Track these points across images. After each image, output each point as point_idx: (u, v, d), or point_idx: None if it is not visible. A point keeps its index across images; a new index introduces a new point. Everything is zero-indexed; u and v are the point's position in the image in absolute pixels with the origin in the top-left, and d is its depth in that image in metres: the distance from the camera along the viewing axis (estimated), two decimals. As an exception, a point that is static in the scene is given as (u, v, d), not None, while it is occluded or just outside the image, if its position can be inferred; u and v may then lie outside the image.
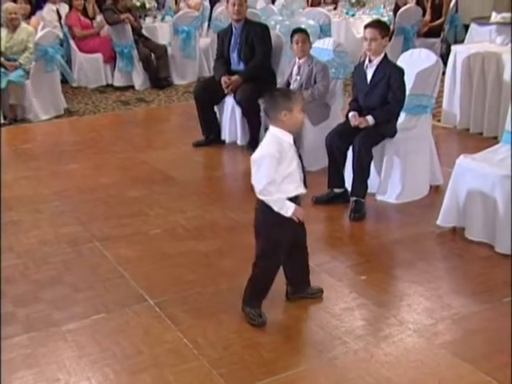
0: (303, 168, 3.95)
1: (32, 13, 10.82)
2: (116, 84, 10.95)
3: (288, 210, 3.84)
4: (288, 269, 4.22)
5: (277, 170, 3.78)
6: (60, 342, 3.87)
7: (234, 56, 7.43)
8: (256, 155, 3.85)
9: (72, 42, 10.99)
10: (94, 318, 4.10)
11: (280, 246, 4.00)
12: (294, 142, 3.89)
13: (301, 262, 4.24)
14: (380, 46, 5.56)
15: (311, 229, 5.27)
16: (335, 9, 12.44)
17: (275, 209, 3.85)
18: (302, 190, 3.95)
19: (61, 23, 11.23)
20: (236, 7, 7.29)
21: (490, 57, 7.51)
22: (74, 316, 4.12)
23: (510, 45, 7.77)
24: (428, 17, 11.56)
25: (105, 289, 4.46)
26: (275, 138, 3.84)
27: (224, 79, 7.24)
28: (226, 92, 7.26)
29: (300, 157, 3.92)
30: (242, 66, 7.38)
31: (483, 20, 10.24)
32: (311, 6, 12.11)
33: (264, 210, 3.91)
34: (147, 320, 4.08)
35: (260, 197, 3.88)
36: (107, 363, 3.66)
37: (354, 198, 5.47)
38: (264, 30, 7.43)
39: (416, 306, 4.18)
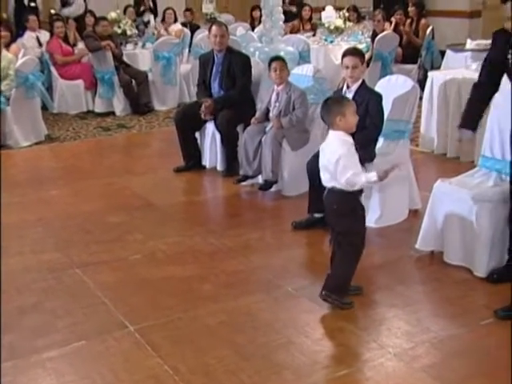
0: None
1: (12, 40, 10.79)
2: (97, 110, 10.93)
3: (373, 176, 4.24)
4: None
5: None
6: (40, 369, 3.82)
7: (215, 85, 7.44)
8: (330, 159, 4.26)
9: (53, 69, 10.96)
10: (75, 345, 4.06)
11: (361, 228, 4.43)
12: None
13: None
14: (361, 72, 5.63)
15: (291, 254, 5.34)
16: (314, 35, 12.51)
17: (365, 184, 4.33)
18: (373, 178, 4.27)
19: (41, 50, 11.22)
20: (218, 39, 7.32)
21: (466, 83, 7.53)
22: (54, 343, 4.07)
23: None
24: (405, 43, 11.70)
25: (85, 316, 4.41)
26: (341, 140, 4.27)
27: (204, 103, 7.25)
28: (202, 117, 7.26)
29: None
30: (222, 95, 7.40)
31: (459, 46, 10.34)
32: (290, 32, 12.18)
33: (340, 202, 4.34)
34: (127, 347, 4.04)
35: (349, 188, 4.26)
36: (87, 391, 3.63)
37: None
38: (246, 61, 7.44)
39: (396, 330, 4.17)
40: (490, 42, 10.24)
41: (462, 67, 8.47)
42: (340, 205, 4.35)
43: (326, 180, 4.38)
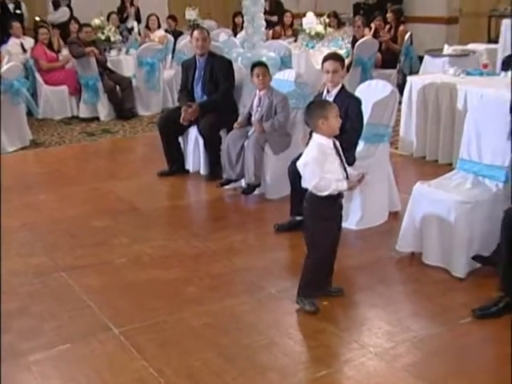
0: (345, 167, 4.34)
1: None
2: (81, 115, 10.88)
3: (343, 185, 4.25)
4: None
5: (322, 169, 4.20)
6: (26, 373, 3.81)
7: (197, 90, 7.44)
8: (301, 161, 4.33)
9: (38, 75, 10.90)
10: (60, 348, 4.04)
11: (327, 237, 4.36)
12: (335, 145, 4.32)
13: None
14: (341, 77, 5.66)
15: (274, 256, 5.34)
16: (295, 41, 12.51)
17: (335, 192, 4.25)
18: (342, 187, 4.27)
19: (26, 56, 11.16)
20: (200, 42, 7.32)
21: (444, 87, 7.61)
22: (40, 346, 4.05)
23: (461, 75, 7.89)
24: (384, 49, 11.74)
25: (70, 319, 4.39)
26: (316, 144, 4.29)
27: (184, 108, 7.26)
28: (181, 121, 7.25)
29: (341, 157, 4.33)
30: (205, 99, 7.39)
31: (436, 52, 10.38)
32: (272, 38, 12.18)
33: (311, 204, 4.36)
34: (112, 349, 4.03)
35: (318, 193, 4.26)
36: (72, 393, 3.62)
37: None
38: (228, 65, 7.47)
39: (376, 330, 4.18)
40: (466, 47, 10.41)
41: (439, 72, 8.50)
42: (318, 208, 4.36)
43: (302, 182, 4.41)
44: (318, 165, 4.24)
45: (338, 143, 4.41)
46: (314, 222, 4.41)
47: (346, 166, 4.40)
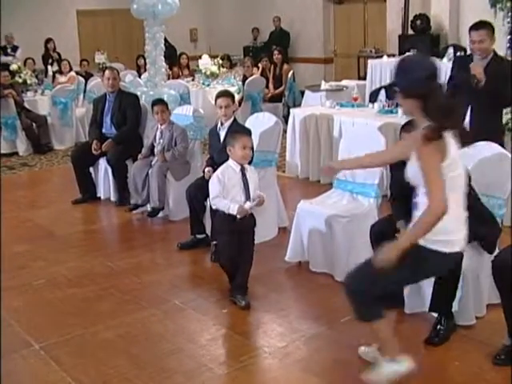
0: (248, 194, 4.46)
1: None
2: (2, 151, 10.51)
3: (233, 210, 4.37)
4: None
5: (222, 187, 4.40)
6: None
7: (107, 120, 7.36)
8: None
9: (-40, 116, 10.54)
10: (-15, 364, 3.90)
11: (223, 247, 4.55)
12: (243, 171, 4.47)
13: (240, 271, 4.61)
14: (232, 111, 5.70)
15: (178, 271, 5.30)
16: (193, 80, 12.53)
17: (225, 211, 4.38)
18: (231, 211, 4.38)
19: None
20: (110, 81, 7.33)
21: (322, 117, 7.76)
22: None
23: (336, 107, 8.07)
24: (271, 85, 11.88)
25: (-6, 338, 4.24)
26: (225, 165, 4.51)
27: (93, 146, 7.18)
28: (95, 153, 7.17)
29: (247, 185, 4.46)
30: (113, 130, 7.30)
31: (315, 87, 10.59)
32: (172, 78, 12.17)
33: (214, 219, 4.64)
34: (33, 363, 3.91)
35: (212, 206, 4.53)
36: (-4, 406, 3.49)
37: (214, 242, 5.44)
38: (135, 99, 7.48)
39: (270, 332, 4.21)
40: (340, 83, 10.67)
41: (318, 105, 8.67)
42: (216, 222, 4.59)
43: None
44: (217, 182, 4.42)
45: (248, 171, 4.51)
46: (217, 235, 4.60)
47: (252, 193, 4.49)
